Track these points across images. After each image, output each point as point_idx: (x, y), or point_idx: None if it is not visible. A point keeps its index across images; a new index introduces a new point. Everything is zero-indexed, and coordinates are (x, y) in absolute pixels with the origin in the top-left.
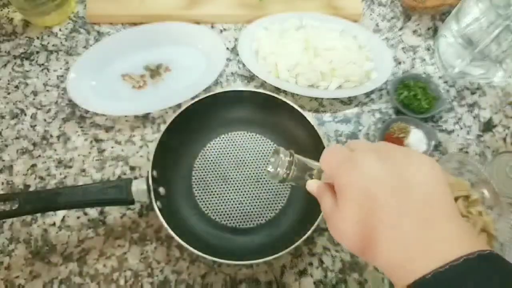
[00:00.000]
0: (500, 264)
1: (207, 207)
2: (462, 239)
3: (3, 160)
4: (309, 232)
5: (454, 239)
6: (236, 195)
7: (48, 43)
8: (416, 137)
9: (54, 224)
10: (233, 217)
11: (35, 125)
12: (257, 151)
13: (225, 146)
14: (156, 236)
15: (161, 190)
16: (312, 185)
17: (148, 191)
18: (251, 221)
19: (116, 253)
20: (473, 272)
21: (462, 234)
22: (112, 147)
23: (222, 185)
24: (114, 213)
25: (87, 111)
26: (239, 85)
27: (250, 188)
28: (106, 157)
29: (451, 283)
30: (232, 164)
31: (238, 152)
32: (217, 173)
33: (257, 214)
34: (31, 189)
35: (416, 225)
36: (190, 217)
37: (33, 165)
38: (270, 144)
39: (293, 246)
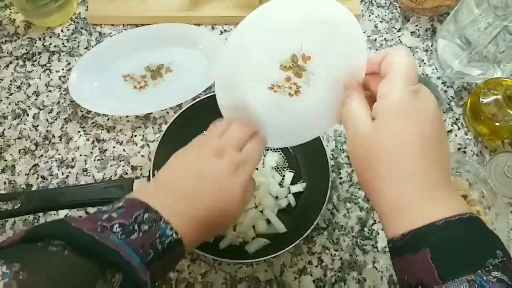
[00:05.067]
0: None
1: None
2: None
3: (6, 160)
4: (308, 231)
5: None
6: None
7: (50, 44)
8: None
9: None
10: None
11: (37, 125)
12: None
13: None
14: None
15: None
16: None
17: None
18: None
19: None
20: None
21: (456, 196)
22: (114, 147)
23: None
24: None
25: (88, 112)
26: None
27: None
28: (107, 157)
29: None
30: None
31: None
32: None
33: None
34: (33, 188)
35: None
36: None
37: (35, 165)
38: None
39: (292, 245)
